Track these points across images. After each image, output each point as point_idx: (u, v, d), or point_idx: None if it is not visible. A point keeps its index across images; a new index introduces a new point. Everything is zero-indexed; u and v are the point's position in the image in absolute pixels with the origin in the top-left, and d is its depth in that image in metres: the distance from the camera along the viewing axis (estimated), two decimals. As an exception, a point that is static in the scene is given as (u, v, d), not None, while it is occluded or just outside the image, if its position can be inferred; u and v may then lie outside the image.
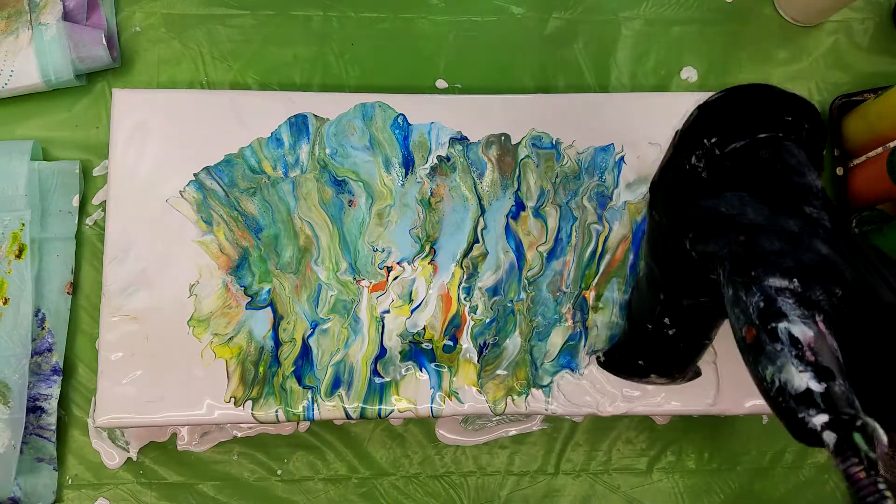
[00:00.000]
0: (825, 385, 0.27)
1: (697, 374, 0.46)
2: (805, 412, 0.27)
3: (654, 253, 0.42)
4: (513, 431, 0.52)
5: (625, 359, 0.46)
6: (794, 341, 0.29)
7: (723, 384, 0.48)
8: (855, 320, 0.30)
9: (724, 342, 0.48)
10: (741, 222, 0.33)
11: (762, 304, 0.30)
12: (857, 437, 0.26)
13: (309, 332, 0.47)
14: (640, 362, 0.44)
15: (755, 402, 0.48)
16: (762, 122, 0.35)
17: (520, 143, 0.50)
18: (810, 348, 0.28)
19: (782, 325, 0.29)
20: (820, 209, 0.33)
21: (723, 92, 0.36)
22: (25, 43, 0.50)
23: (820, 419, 0.27)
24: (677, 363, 0.44)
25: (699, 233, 0.36)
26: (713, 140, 0.36)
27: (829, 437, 0.26)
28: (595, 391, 0.47)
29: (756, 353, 0.30)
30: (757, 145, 0.35)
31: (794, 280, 0.30)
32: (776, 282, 0.31)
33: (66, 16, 0.51)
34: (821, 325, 0.29)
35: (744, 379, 0.47)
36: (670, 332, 0.42)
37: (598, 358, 0.47)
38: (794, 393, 0.28)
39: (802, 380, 0.28)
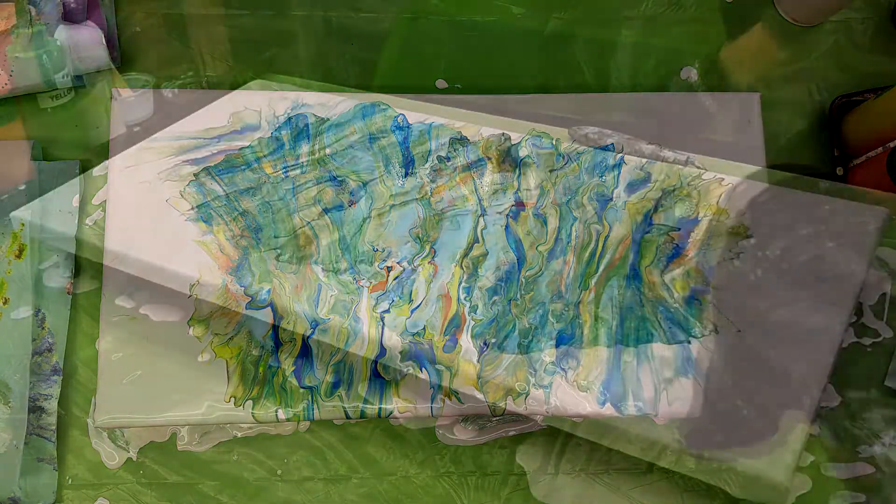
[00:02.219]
0: None
1: None
2: None
3: None
4: (513, 431, 0.52)
5: None
6: None
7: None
8: None
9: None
10: None
11: None
12: None
13: (309, 332, 0.47)
14: None
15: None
16: None
17: (520, 143, 0.50)
18: None
19: None
20: None
21: None
22: (25, 43, 0.50)
23: None
24: None
25: None
26: None
27: None
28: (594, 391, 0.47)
29: None
30: None
31: None
32: None
33: (66, 16, 0.51)
34: None
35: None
36: None
37: None
38: None
39: None
